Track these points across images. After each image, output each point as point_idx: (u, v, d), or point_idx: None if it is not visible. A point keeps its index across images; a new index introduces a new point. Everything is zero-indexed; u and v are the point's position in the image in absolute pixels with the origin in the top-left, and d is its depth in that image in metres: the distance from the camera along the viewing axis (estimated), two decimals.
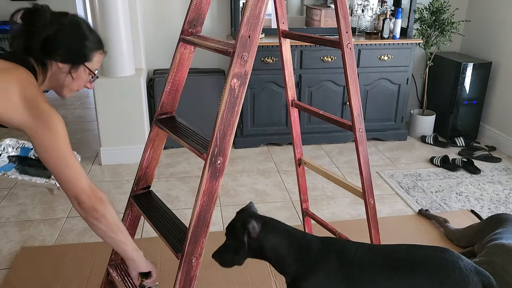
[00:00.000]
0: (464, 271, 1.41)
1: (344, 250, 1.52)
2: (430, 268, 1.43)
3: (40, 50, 1.29)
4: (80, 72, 1.38)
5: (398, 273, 1.45)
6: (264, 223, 1.54)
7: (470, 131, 4.13)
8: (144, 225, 2.67)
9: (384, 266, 1.47)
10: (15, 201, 3.00)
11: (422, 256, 1.47)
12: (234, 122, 1.29)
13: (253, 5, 1.23)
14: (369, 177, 1.86)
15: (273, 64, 3.67)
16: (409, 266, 1.45)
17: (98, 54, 1.40)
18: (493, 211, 2.89)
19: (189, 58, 1.59)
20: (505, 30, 3.84)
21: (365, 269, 1.47)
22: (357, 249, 1.53)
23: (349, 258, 1.49)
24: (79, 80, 1.39)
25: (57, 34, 1.30)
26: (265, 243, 1.52)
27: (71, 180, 1.26)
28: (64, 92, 1.41)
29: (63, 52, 1.32)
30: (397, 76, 3.89)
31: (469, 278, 1.40)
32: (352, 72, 1.74)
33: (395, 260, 1.48)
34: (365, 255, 1.51)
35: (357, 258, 1.49)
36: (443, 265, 1.43)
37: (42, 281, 2.20)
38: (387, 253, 1.52)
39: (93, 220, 1.31)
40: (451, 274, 1.41)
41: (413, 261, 1.46)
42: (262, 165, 3.59)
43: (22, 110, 1.19)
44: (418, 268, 1.44)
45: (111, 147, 3.54)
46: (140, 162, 1.67)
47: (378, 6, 3.98)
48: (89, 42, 1.36)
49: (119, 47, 3.31)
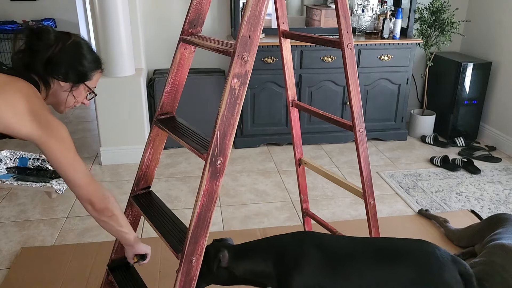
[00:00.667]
0: (441, 259, 1.49)
1: (322, 240, 1.58)
2: (408, 257, 1.50)
3: (43, 68, 1.36)
4: (80, 90, 1.46)
5: (379, 261, 1.52)
6: (235, 253, 1.61)
7: (470, 131, 4.13)
8: (144, 225, 2.67)
9: (365, 256, 1.54)
10: (15, 201, 3.00)
11: (401, 246, 1.55)
12: (235, 122, 1.28)
13: (254, 5, 1.22)
14: (369, 177, 1.86)
15: (273, 64, 3.67)
16: (389, 255, 1.53)
17: (97, 73, 1.49)
18: (493, 211, 2.89)
19: (189, 58, 1.59)
20: (505, 30, 3.84)
21: (346, 258, 1.53)
22: (338, 240, 1.60)
23: (330, 248, 1.55)
24: (78, 98, 1.48)
25: (60, 54, 1.38)
26: (237, 271, 1.59)
27: (83, 184, 1.35)
28: (62, 108, 1.49)
29: (65, 71, 1.40)
30: (397, 76, 3.88)
31: (445, 266, 1.48)
32: (352, 72, 1.74)
33: (375, 250, 1.55)
34: (346, 245, 1.57)
35: (338, 248, 1.55)
36: (420, 254, 1.51)
37: (42, 281, 2.20)
38: (368, 243, 1.59)
39: (106, 218, 1.43)
40: (428, 262, 1.48)
41: (393, 251, 1.54)
42: (262, 165, 3.59)
43: (30, 121, 1.26)
44: (397, 257, 1.51)
45: (111, 147, 3.54)
46: (140, 162, 1.67)
47: (378, 6, 3.97)
48: (89, 62, 1.44)
49: (119, 47, 3.31)
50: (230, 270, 1.59)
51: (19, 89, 1.29)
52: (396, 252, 1.53)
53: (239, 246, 1.66)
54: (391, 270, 1.50)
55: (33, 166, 1.80)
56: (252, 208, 2.93)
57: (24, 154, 1.80)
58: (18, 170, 1.77)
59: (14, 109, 1.25)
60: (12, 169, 1.77)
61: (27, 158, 1.80)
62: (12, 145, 3.94)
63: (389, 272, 1.50)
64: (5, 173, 1.72)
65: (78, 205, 2.86)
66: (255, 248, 1.64)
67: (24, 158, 1.79)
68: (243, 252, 1.63)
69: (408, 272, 1.48)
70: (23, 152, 1.81)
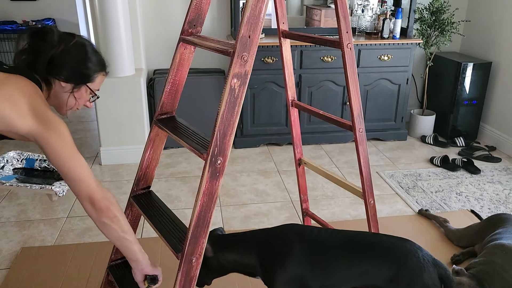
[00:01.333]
0: (421, 261, 1.50)
1: (304, 231, 1.61)
2: (390, 254, 1.52)
3: (45, 68, 1.35)
4: (82, 92, 1.44)
5: (359, 256, 1.54)
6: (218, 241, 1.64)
7: (470, 131, 4.13)
8: (144, 225, 2.67)
9: (347, 248, 1.56)
10: (15, 201, 3.00)
11: (384, 242, 1.56)
12: (234, 122, 1.29)
13: (253, 5, 1.23)
14: (369, 177, 1.86)
15: (273, 64, 3.67)
16: (371, 250, 1.54)
17: (100, 75, 1.47)
18: (493, 211, 2.89)
19: (189, 58, 1.59)
20: (505, 30, 3.84)
21: (328, 248, 1.55)
22: (320, 231, 1.61)
23: (311, 238, 1.57)
24: (80, 99, 1.46)
25: (63, 55, 1.37)
26: (222, 259, 1.62)
27: (83, 179, 1.29)
28: (63, 110, 1.48)
29: (67, 72, 1.38)
30: (397, 76, 3.89)
31: (425, 267, 1.49)
32: (352, 72, 1.74)
33: (359, 243, 1.57)
34: (328, 236, 1.59)
35: (320, 239, 1.57)
36: (402, 252, 1.52)
37: (42, 281, 2.20)
38: (352, 236, 1.61)
39: (107, 219, 1.31)
40: (408, 261, 1.49)
41: (375, 246, 1.55)
42: (262, 165, 3.59)
43: (31, 118, 1.24)
44: (380, 253, 1.53)
45: (111, 147, 3.54)
46: (140, 162, 1.67)
47: (378, 6, 3.97)
48: (93, 64, 1.42)
49: (119, 47, 3.31)
50: (218, 260, 1.62)
51: (20, 86, 1.28)
52: (378, 248, 1.54)
53: (228, 237, 1.70)
54: (370, 265, 1.52)
55: (40, 167, 1.81)
56: (252, 208, 2.93)
57: (31, 155, 1.81)
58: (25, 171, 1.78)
59: (15, 105, 1.23)
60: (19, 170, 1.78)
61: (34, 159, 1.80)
62: (11, 146, 3.94)
63: (368, 267, 1.52)
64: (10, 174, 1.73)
65: (78, 205, 2.86)
66: (241, 240, 1.66)
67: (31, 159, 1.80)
68: (230, 243, 1.66)
69: (388, 269, 1.50)
70: (30, 153, 1.82)
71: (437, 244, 2.52)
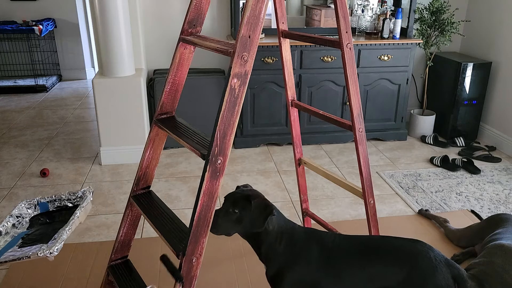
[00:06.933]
0: (433, 261, 1.50)
1: (324, 237, 1.62)
2: (401, 256, 1.52)
3: None
4: None
5: (372, 258, 1.54)
6: (278, 212, 1.66)
7: (470, 131, 4.13)
8: (144, 225, 2.67)
9: (360, 252, 1.57)
10: (15, 201, 3.00)
11: (395, 245, 1.57)
12: (235, 122, 1.29)
13: (253, 5, 1.23)
14: (369, 177, 1.86)
15: (273, 64, 3.67)
16: (383, 253, 1.55)
17: None
18: (493, 211, 2.89)
19: (189, 58, 1.59)
20: (505, 30, 3.84)
21: (342, 254, 1.57)
22: (335, 237, 1.62)
23: (329, 244, 1.59)
24: None
25: None
26: (271, 224, 1.59)
27: None
28: None
29: None
30: (397, 76, 3.89)
31: (437, 268, 1.49)
32: (352, 72, 1.74)
33: (370, 247, 1.58)
34: (342, 242, 1.60)
35: (336, 245, 1.59)
36: (413, 254, 1.52)
37: (42, 281, 2.20)
38: (364, 241, 1.62)
39: None
40: (420, 262, 1.50)
41: (387, 249, 1.56)
42: (262, 165, 3.59)
43: None
44: (391, 255, 1.53)
45: (111, 147, 3.55)
46: (140, 162, 1.67)
47: (378, 6, 3.98)
48: None
49: (119, 47, 3.31)
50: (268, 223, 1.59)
51: None
52: (390, 251, 1.55)
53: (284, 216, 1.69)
54: (383, 268, 1.52)
55: (55, 208, 1.85)
56: None
57: (40, 199, 1.85)
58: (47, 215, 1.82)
59: None
60: (40, 217, 1.81)
61: (45, 202, 1.84)
62: (11, 145, 3.94)
63: (379, 269, 1.52)
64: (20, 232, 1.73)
65: None
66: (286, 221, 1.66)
67: (43, 203, 1.84)
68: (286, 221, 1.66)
69: (400, 271, 1.50)
70: (38, 198, 1.86)
71: (437, 244, 2.52)
